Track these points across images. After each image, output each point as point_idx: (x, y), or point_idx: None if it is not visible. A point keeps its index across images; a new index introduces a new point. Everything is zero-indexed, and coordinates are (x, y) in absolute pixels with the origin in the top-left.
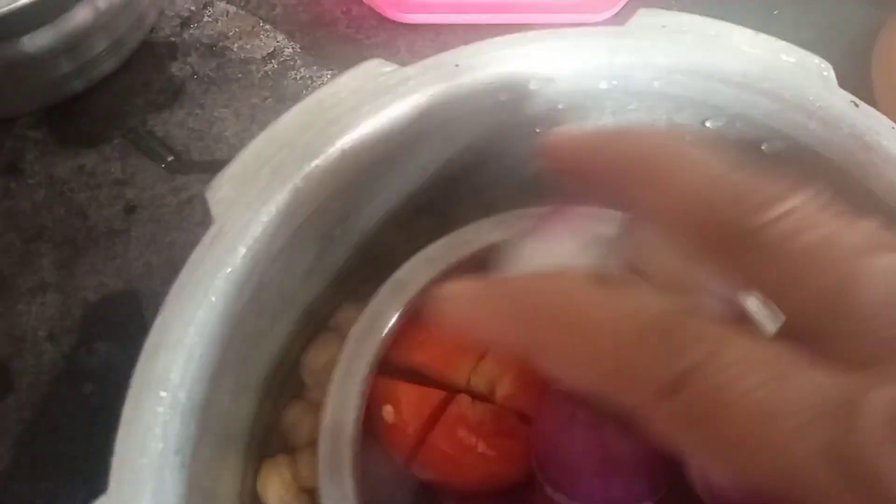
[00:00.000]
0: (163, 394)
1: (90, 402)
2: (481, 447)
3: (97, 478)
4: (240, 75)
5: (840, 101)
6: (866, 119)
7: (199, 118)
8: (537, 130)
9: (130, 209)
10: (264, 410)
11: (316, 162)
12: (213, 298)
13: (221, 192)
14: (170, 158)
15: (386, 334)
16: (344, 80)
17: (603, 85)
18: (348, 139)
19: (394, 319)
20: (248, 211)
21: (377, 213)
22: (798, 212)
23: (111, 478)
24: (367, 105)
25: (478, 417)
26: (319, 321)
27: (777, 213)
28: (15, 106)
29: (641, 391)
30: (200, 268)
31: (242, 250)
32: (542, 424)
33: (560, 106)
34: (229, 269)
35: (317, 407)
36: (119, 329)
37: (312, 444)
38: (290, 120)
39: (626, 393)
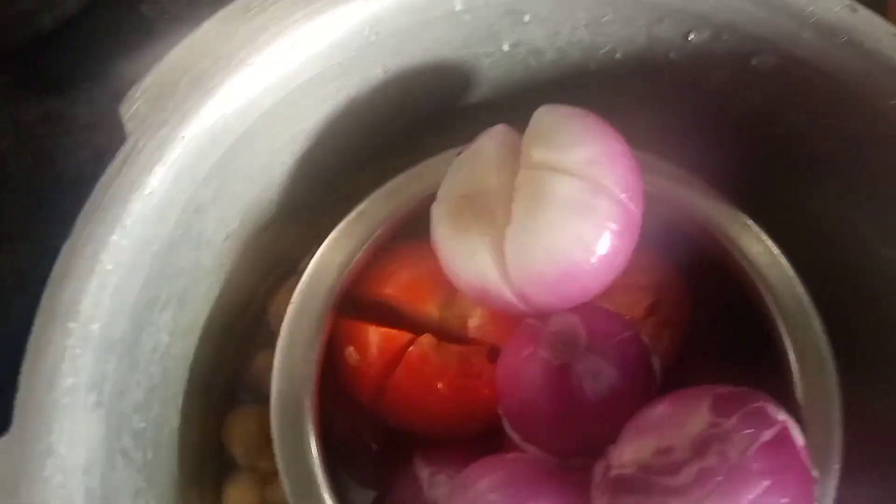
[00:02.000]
0: (71, 325)
1: None
2: (444, 387)
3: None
4: (212, 14)
5: (836, 6)
6: (865, 25)
7: None
8: (504, 48)
9: (100, 155)
10: (227, 357)
11: (243, 73)
12: (129, 223)
13: (135, 106)
14: None
15: (347, 270)
16: None
17: None
18: (279, 50)
19: (356, 255)
20: (165, 127)
21: (338, 145)
22: None
23: (14, 414)
24: (301, 11)
25: (442, 359)
26: (287, 265)
27: None
28: None
29: None
30: (112, 189)
31: (160, 170)
32: (505, 362)
33: (526, 18)
34: (147, 191)
35: None
36: None
37: None
38: (213, 27)
39: None
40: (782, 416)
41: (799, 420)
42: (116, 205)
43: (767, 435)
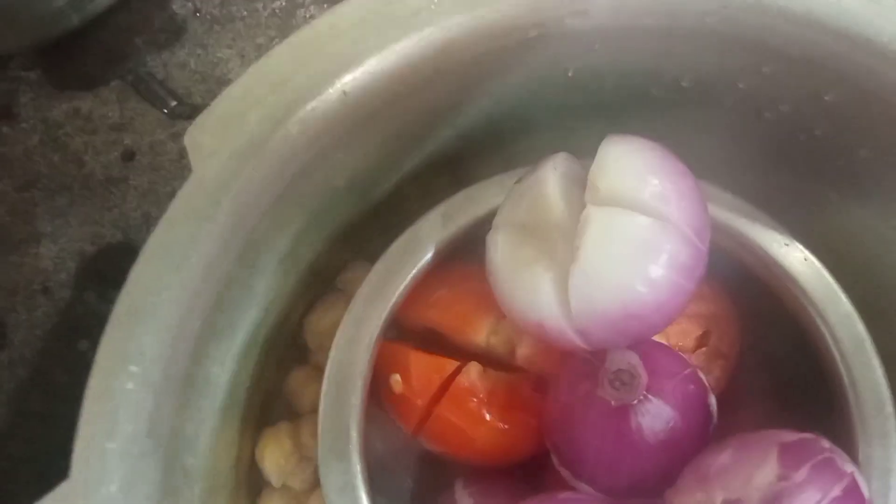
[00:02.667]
0: (133, 369)
1: (85, 358)
2: (491, 419)
3: None
4: (245, 13)
5: None
6: None
7: (202, 59)
8: (570, 74)
9: (129, 156)
10: (264, 376)
11: (312, 104)
12: (194, 259)
13: (203, 137)
14: (173, 103)
15: (397, 296)
16: (346, 10)
17: (647, 21)
18: (350, 78)
19: (406, 279)
20: (233, 160)
21: (387, 165)
22: None
23: (73, 463)
24: (373, 39)
25: (489, 387)
26: (324, 281)
27: None
28: (7, 42)
29: None
30: (177, 225)
31: (226, 204)
32: (557, 397)
33: (596, 47)
34: (211, 226)
35: (321, 372)
36: (116, 283)
37: (316, 411)
38: (283, 54)
39: None
40: (850, 466)
41: (857, 465)
42: (182, 240)
43: (837, 490)
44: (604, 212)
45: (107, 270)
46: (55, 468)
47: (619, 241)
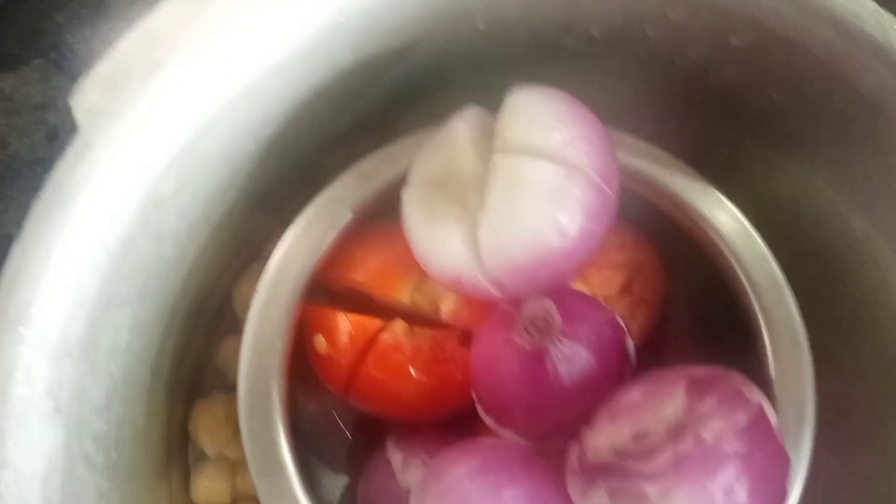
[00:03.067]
0: (23, 331)
1: None
2: (417, 374)
3: None
4: None
5: None
6: (849, 3)
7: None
8: (481, 28)
9: (53, 135)
10: (193, 347)
11: (202, 60)
12: (82, 221)
13: (88, 97)
14: None
15: (315, 256)
16: None
17: None
18: (242, 35)
19: (324, 240)
20: (119, 119)
21: (303, 125)
22: None
23: None
24: None
25: (414, 344)
26: (252, 249)
27: None
28: None
29: None
30: (63, 186)
31: (115, 165)
32: (479, 347)
33: None
34: (101, 188)
35: None
36: None
37: None
38: (171, 10)
39: None
40: (758, 397)
41: (771, 397)
42: (69, 202)
43: (743, 418)
44: (511, 160)
45: None
46: None
47: (525, 189)
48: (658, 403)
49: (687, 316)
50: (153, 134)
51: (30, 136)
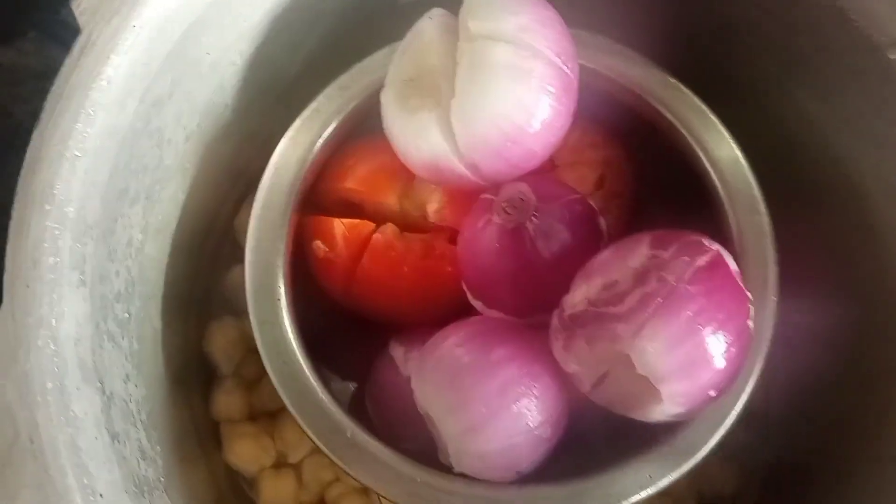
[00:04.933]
0: (48, 207)
1: None
2: (409, 271)
3: None
4: None
5: None
6: None
7: None
8: None
9: None
10: (200, 272)
11: None
12: (91, 111)
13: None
14: None
15: (305, 165)
16: None
17: None
18: None
19: (314, 150)
20: (116, 17)
21: (284, 42)
22: None
23: (4, 291)
24: None
25: (406, 245)
26: (249, 180)
27: None
28: None
29: None
30: (72, 79)
31: (115, 59)
32: (464, 236)
33: None
34: (103, 80)
35: None
36: None
37: None
38: None
39: None
40: (716, 246)
41: (736, 259)
42: (78, 94)
43: (702, 260)
44: (473, 45)
45: None
46: None
47: (489, 71)
48: (625, 257)
49: (657, 202)
50: (145, 30)
51: (32, 103)
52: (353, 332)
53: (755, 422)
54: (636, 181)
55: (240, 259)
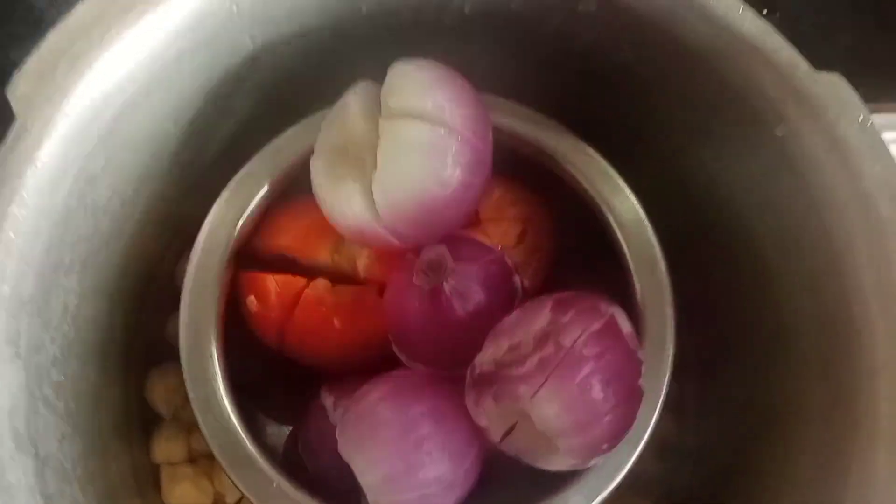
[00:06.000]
0: None
1: None
2: (339, 323)
3: None
4: None
5: None
6: None
7: None
8: (364, 12)
9: None
10: (141, 322)
11: (113, 51)
12: (25, 194)
13: (20, 88)
14: None
15: (239, 225)
16: None
17: None
18: (146, 27)
19: (246, 211)
20: (49, 104)
21: (217, 108)
22: None
23: None
24: None
25: (336, 298)
26: (190, 232)
27: None
28: None
29: None
30: (7, 164)
31: (49, 145)
32: (389, 294)
33: None
34: (37, 164)
35: None
36: None
37: None
38: (85, 10)
39: None
40: (612, 309)
41: (637, 315)
42: (13, 179)
43: (596, 325)
44: (393, 123)
45: None
46: None
47: (407, 148)
48: (530, 321)
49: (572, 256)
50: (78, 116)
51: None
52: (287, 377)
53: (668, 454)
54: (555, 236)
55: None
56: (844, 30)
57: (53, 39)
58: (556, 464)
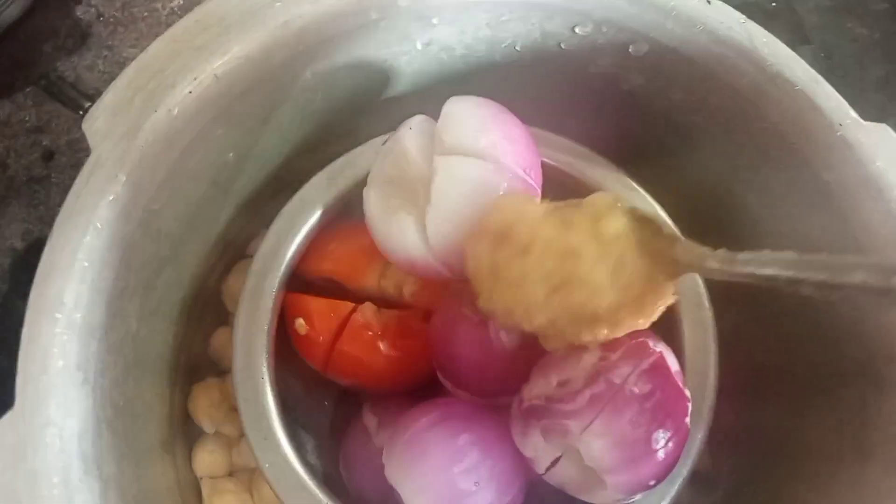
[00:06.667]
0: (58, 315)
1: None
2: (385, 348)
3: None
4: (146, 13)
5: (693, 0)
6: (717, 14)
7: (109, 60)
8: (418, 47)
9: (48, 156)
10: (186, 337)
11: (187, 88)
12: (99, 225)
13: (97, 123)
14: (87, 104)
15: (292, 250)
16: (210, 6)
17: None
18: (217, 66)
19: (299, 236)
20: (124, 140)
21: (275, 138)
22: None
23: (17, 394)
24: (234, 32)
25: (382, 323)
26: (237, 249)
27: None
28: None
29: None
30: (82, 197)
31: (122, 177)
32: (436, 321)
33: (434, 20)
34: (111, 197)
35: None
36: None
37: None
38: (160, 48)
39: None
40: (660, 347)
41: (680, 351)
42: (88, 210)
43: (645, 364)
44: (447, 160)
45: (38, 263)
46: (4, 403)
47: (460, 183)
48: (579, 357)
49: None
50: (151, 150)
51: (27, 157)
52: (330, 398)
53: (702, 487)
54: None
55: (224, 321)
56: (877, 60)
57: (129, 74)
58: (601, 498)
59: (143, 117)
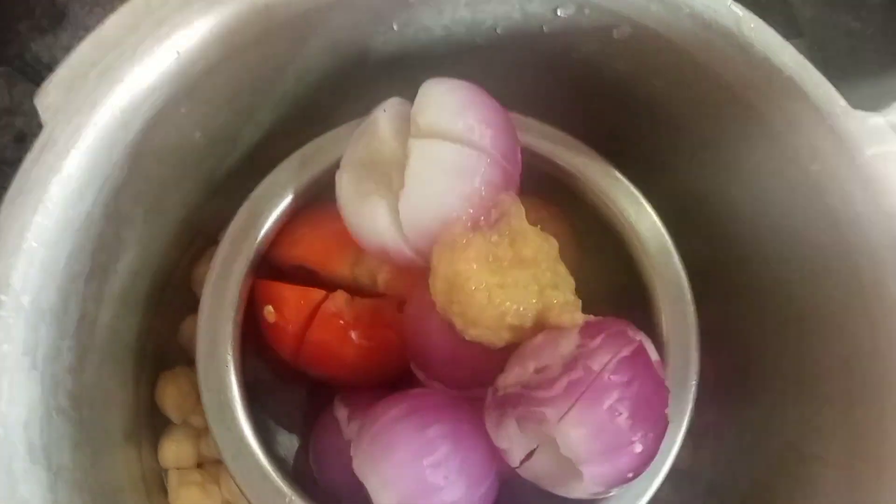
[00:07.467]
0: (3, 298)
1: None
2: (357, 338)
3: None
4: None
5: None
6: None
7: None
8: (395, 27)
9: (21, 137)
10: (154, 325)
11: (145, 63)
12: (50, 205)
13: (49, 97)
14: None
15: (261, 235)
16: None
17: None
18: (178, 39)
19: (268, 220)
20: (78, 115)
21: (242, 118)
22: None
23: None
24: (197, 3)
25: (355, 312)
26: (208, 235)
27: None
28: None
29: None
30: (32, 174)
31: (76, 155)
32: (409, 311)
33: (411, 1)
34: (65, 175)
35: None
36: None
37: None
38: (118, 21)
39: None
40: (639, 336)
41: (661, 344)
42: (38, 188)
43: (625, 351)
44: (422, 143)
45: None
46: None
47: (435, 168)
48: (557, 344)
49: (595, 278)
50: (106, 127)
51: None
52: (301, 389)
53: (683, 484)
54: (579, 258)
55: (195, 309)
56: (871, 55)
57: (84, 50)
58: (578, 491)
59: (98, 93)
